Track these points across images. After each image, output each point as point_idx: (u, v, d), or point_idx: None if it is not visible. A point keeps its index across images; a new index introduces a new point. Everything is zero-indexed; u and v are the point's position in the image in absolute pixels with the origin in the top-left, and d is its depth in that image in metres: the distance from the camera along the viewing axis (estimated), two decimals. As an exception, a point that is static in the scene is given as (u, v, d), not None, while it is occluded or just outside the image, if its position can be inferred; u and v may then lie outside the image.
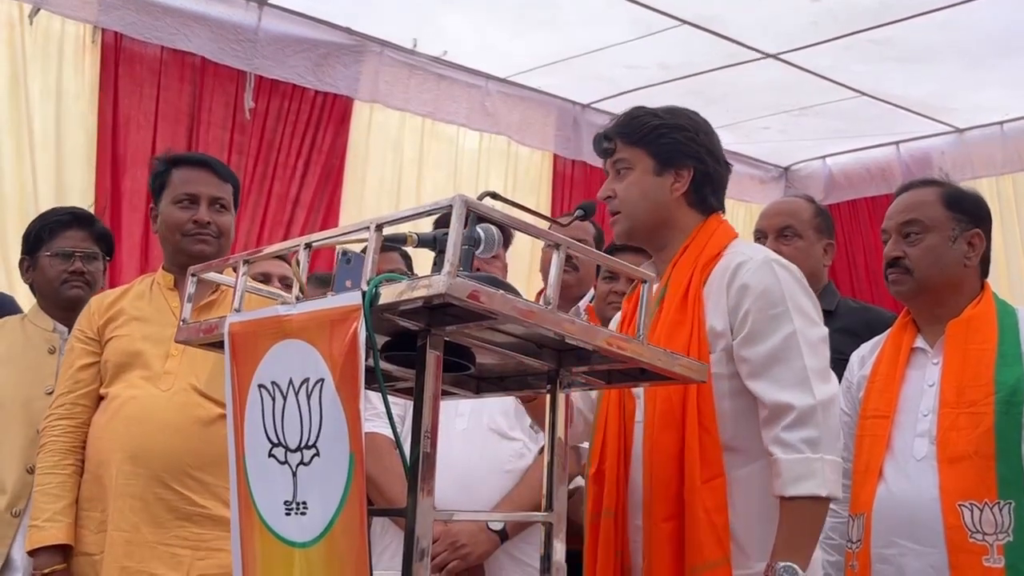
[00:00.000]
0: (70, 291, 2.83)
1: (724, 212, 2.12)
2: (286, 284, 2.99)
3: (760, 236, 2.95)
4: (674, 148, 2.03)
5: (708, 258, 1.97)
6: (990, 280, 2.36)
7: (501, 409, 2.52)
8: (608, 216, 2.09)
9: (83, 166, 4.29)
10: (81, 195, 4.20)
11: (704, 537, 1.81)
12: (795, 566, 1.76)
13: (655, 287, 1.98)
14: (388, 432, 2.50)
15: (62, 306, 2.83)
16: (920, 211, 2.31)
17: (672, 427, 1.87)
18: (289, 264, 3.15)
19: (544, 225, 2.00)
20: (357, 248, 2.32)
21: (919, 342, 2.31)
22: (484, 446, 2.48)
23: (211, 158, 2.66)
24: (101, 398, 2.45)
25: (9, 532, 2.57)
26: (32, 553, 2.37)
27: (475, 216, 1.49)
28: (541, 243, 3.79)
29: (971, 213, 2.31)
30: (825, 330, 1.95)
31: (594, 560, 1.96)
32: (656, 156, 2.02)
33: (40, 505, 2.38)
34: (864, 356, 2.45)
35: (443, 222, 2.38)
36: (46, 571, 2.34)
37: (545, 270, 3.71)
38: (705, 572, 1.80)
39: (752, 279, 1.90)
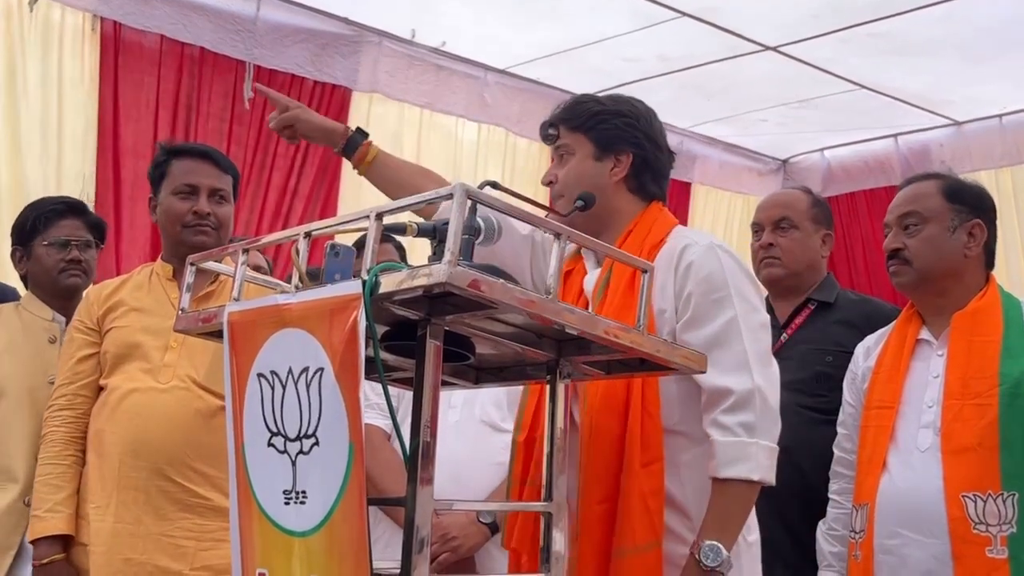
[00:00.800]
0: (68, 280, 2.82)
1: (665, 201, 2.12)
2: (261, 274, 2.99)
3: (757, 228, 2.95)
4: (614, 133, 2.04)
5: (653, 243, 1.98)
6: (988, 273, 2.36)
7: (493, 401, 2.52)
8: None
9: (81, 155, 4.28)
10: (79, 184, 4.19)
11: (637, 521, 1.81)
12: (720, 545, 1.78)
13: (601, 272, 1.98)
14: (381, 423, 2.50)
15: (60, 295, 2.83)
16: (919, 203, 2.32)
17: (615, 411, 1.87)
18: (263, 255, 3.16)
19: (542, 215, 1.99)
20: (355, 237, 2.31)
21: (924, 334, 2.31)
22: (476, 438, 2.48)
23: (212, 149, 2.65)
24: (101, 388, 2.45)
25: (23, 521, 2.56)
26: (33, 543, 2.38)
27: (475, 205, 1.49)
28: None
29: (971, 204, 2.32)
30: (766, 316, 1.96)
31: (514, 524, 1.96)
32: (596, 141, 2.04)
33: (41, 495, 2.38)
34: (869, 347, 2.45)
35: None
36: (45, 561, 2.35)
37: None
38: (633, 556, 1.80)
39: (697, 262, 1.91)
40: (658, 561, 1.81)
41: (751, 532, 1.93)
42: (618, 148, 2.04)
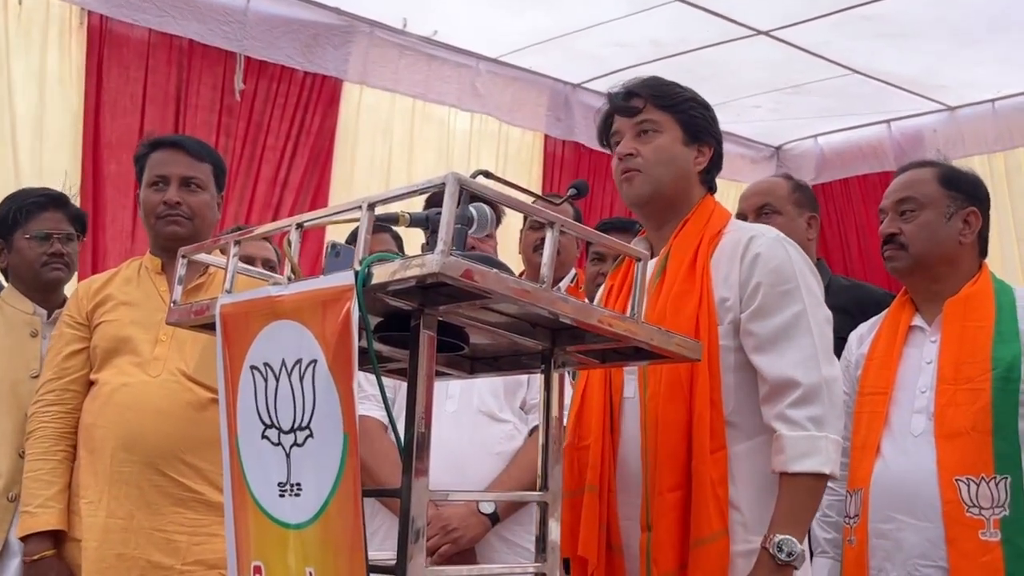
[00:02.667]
0: (50, 273, 2.80)
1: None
2: (270, 267, 2.96)
3: (741, 218, 2.94)
4: (702, 124, 2.05)
5: (714, 232, 1.99)
6: (980, 258, 2.36)
7: (491, 391, 2.51)
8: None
9: (67, 150, 4.25)
10: (70, 179, 4.16)
11: (710, 508, 1.82)
12: (793, 539, 1.79)
13: (652, 260, 1.98)
14: (376, 414, 2.50)
15: (42, 288, 2.81)
16: (916, 189, 2.33)
17: (679, 399, 1.87)
18: (273, 246, 3.14)
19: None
20: (347, 228, 2.29)
21: (917, 320, 2.32)
22: (474, 428, 2.47)
23: (185, 138, 2.62)
24: (91, 383, 2.44)
25: (7, 517, 2.55)
26: (24, 539, 2.36)
27: (468, 195, 1.47)
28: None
29: (967, 192, 2.33)
30: (829, 312, 1.97)
31: (574, 536, 1.94)
32: (685, 127, 2.04)
33: (32, 491, 2.37)
34: (863, 335, 2.46)
35: (432, 203, 2.36)
36: (35, 557, 2.33)
37: (526, 252, 3.71)
38: (709, 544, 1.81)
39: (765, 254, 1.92)
40: (726, 550, 1.82)
41: None
42: (703, 139, 2.06)
